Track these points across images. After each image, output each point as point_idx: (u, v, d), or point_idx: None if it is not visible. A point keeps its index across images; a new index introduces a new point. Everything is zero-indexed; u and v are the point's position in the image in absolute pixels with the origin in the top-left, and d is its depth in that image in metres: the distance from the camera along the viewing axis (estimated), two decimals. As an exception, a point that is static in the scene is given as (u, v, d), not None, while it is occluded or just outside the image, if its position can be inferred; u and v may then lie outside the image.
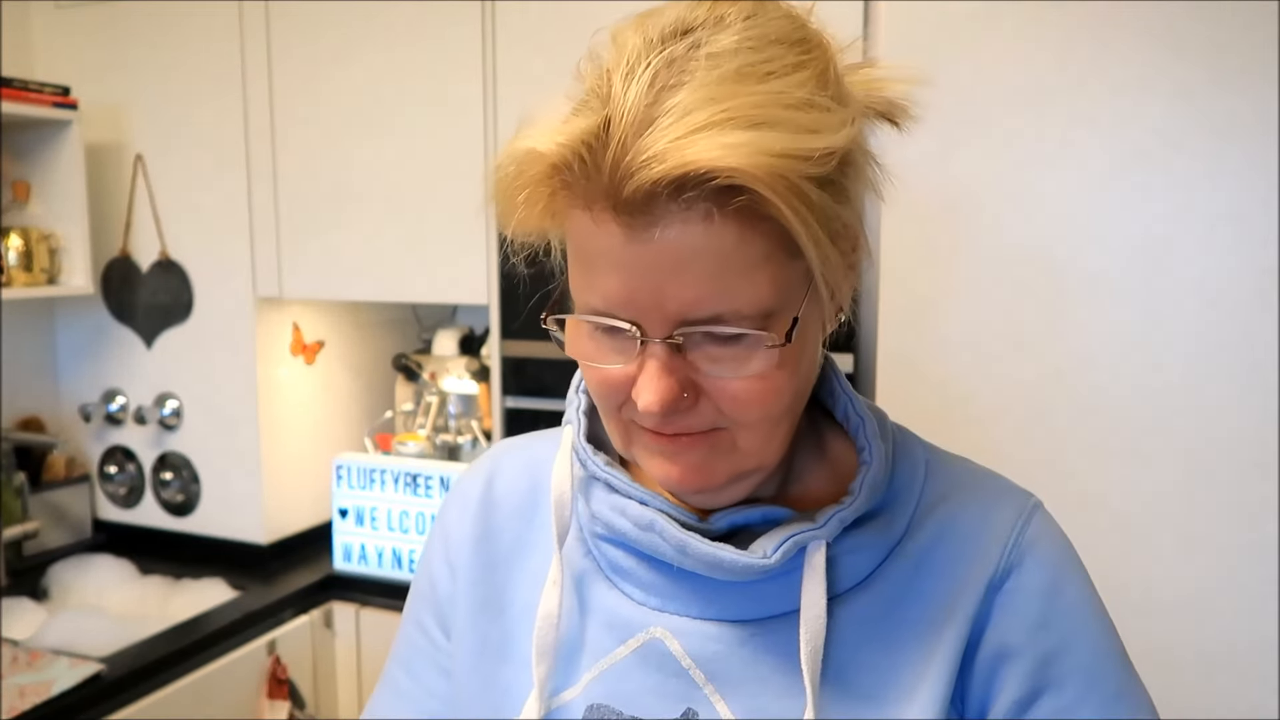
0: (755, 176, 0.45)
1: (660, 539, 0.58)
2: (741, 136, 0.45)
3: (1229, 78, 1.31)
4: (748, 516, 0.59)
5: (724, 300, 0.49)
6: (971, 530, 0.60)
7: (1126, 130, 1.37)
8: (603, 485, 0.62)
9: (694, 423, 0.54)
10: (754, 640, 0.58)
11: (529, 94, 1.82)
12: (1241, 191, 1.32)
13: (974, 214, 1.46)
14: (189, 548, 2.21)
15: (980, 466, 0.66)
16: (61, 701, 1.52)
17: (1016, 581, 0.58)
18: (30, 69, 2.21)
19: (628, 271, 0.50)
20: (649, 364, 0.52)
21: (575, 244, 0.53)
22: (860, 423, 0.62)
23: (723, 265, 0.49)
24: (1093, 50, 1.37)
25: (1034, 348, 1.44)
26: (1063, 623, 0.58)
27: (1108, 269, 1.39)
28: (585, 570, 0.64)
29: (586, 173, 0.49)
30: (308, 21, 1.99)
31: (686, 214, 0.48)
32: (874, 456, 0.60)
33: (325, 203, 2.02)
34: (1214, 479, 1.36)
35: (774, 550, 0.56)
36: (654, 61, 0.49)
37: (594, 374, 0.56)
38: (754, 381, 0.52)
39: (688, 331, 0.51)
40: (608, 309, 0.52)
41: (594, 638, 0.62)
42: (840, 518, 0.57)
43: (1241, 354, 1.33)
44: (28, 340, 2.25)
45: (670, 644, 0.59)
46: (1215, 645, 1.37)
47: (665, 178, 0.46)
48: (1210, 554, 1.37)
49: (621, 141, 0.47)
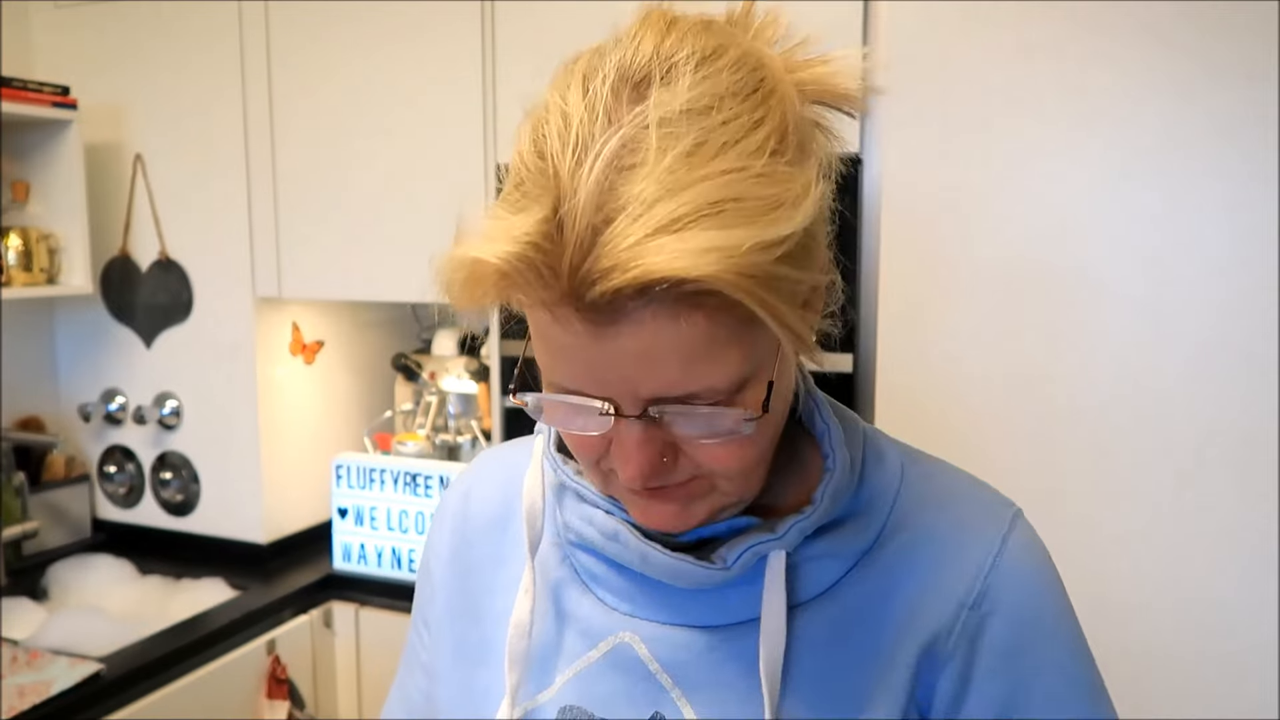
0: (724, 281, 0.43)
1: (624, 548, 0.59)
2: (705, 239, 0.43)
3: (1229, 78, 1.31)
4: (714, 528, 0.59)
5: (695, 382, 0.49)
6: (946, 544, 0.59)
7: (1126, 131, 1.37)
8: (573, 494, 0.63)
9: (674, 478, 0.54)
10: (720, 646, 0.59)
11: (528, 94, 1.82)
12: (1241, 192, 1.32)
13: (973, 214, 1.46)
14: (188, 547, 2.21)
15: (961, 473, 0.64)
16: (61, 701, 1.52)
17: (991, 604, 0.57)
18: (30, 69, 2.21)
19: (595, 364, 0.49)
20: (626, 438, 0.51)
21: (537, 331, 0.51)
22: (826, 430, 0.61)
23: (690, 353, 0.47)
24: (1092, 50, 1.37)
25: (1033, 348, 1.44)
26: (1035, 651, 0.57)
27: (1107, 269, 1.39)
28: (562, 577, 0.65)
29: (543, 279, 0.45)
30: (307, 21, 1.99)
31: (655, 311, 0.46)
32: (837, 464, 0.59)
33: (325, 202, 2.02)
34: (1213, 480, 1.36)
35: (733, 560, 0.57)
36: (605, 139, 0.45)
37: (571, 437, 0.56)
38: (728, 448, 0.52)
39: (661, 409, 0.50)
40: (578, 389, 0.51)
41: (569, 642, 0.63)
42: (800, 527, 0.58)
43: (1241, 355, 1.33)
44: (27, 340, 2.25)
45: (638, 649, 0.60)
46: (1215, 645, 1.37)
47: (629, 287, 0.43)
48: (1210, 555, 1.37)
49: (578, 244, 0.44)
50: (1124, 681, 0.64)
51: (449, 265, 0.49)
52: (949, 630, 0.57)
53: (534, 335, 0.52)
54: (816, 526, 0.58)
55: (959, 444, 1.46)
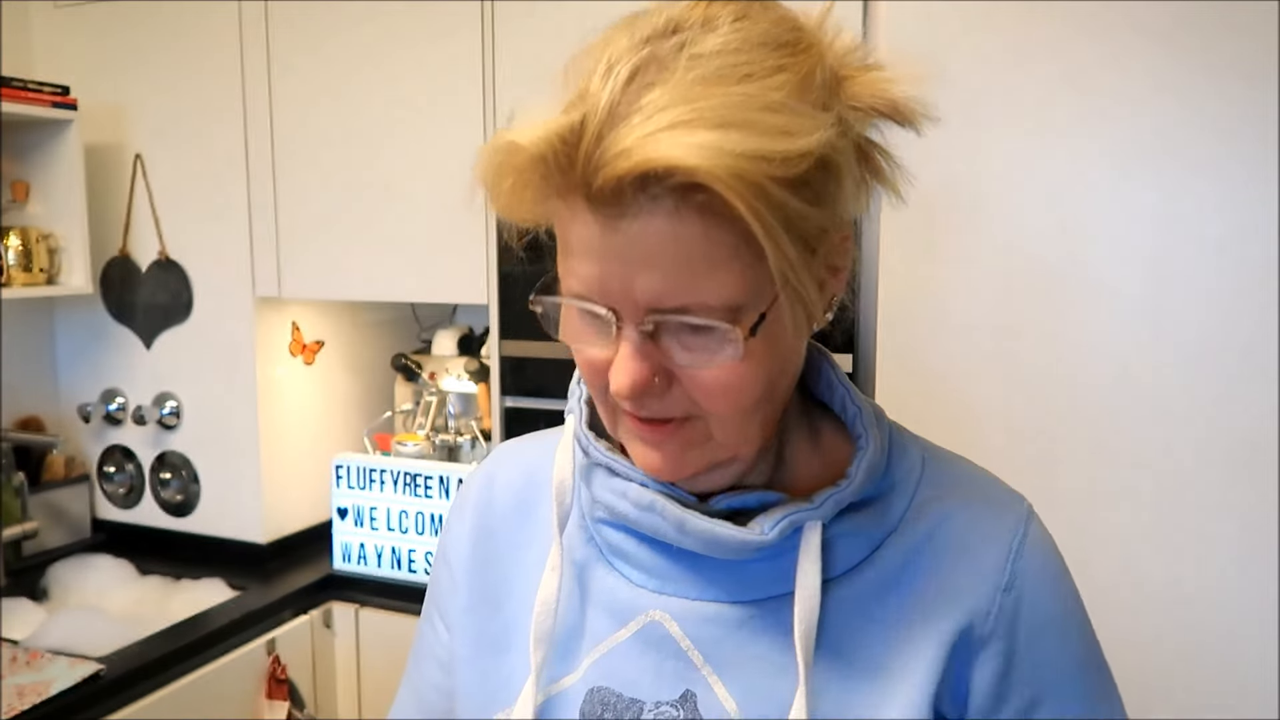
0: (714, 175, 0.46)
1: (660, 518, 0.59)
2: (706, 136, 0.46)
3: (1229, 78, 1.31)
4: (744, 500, 0.60)
5: (689, 293, 0.51)
6: (970, 531, 0.61)
7: (1126, 130, 1.37)
8: (604, 470, 0.63)
9: (668, 408, 0.55)
10: (750, 622, 0.59)
11: (528, 94, 1.82)
12: (1241, 191, 1.32)
13: (973, 213, 1.46)
14: (188, 547, 2.21)
15: (974, 465, 0.67)
16: (60, 701, 1.52)
17: (1020, 587, 0.60)
18: (30, 68, 2.21)
19: (601, 259, 0.52)
20: (623, 347, 0.53)
21: (559, 230, 0.55)
22: (857, 411, 0.64)
23: (688, 259, 0.50)
24: (1092, 50, 1.37)
25: (1032, 347, 1.44)
26: (1055, 637, 0.60)
27: (1107, 269, 1.39)
28: (587, 557, 0.65)
29: (561, 166, 0.50)
30: (307, 21, 1.99)
31: (653, 207, 0.49)
32: (870, 442, 0.62)
33: (324, 202, 2.02)
34: (1213, 478, 1.36)
35: (770, 528, 0.57)
36: (635, 60, 0.50)
37: (580, 357, 0.58)
38: (722, 372, 0.53)
39: (658, 320, 0.52)
40: (586, 294, 0.53)
41: (594, 622, 0.63)
42: (836, 499, 0.59)
43: (1241, 353, 1.33)
44: (27, 340, 2.25)
45: (669, 626, 0.60)
46: (1215, 645, 1.37)
47: (630, 173, 0.48)
48: (1209, 553, 1.37)
49: (595, 135, 0.49)
50: (1123, 681, 0.64)
51: (489, 149, 0.54)
52: (986, 612, 0.59)
53: (559, 246, 0.56)
54: (851, 500, 0.60)
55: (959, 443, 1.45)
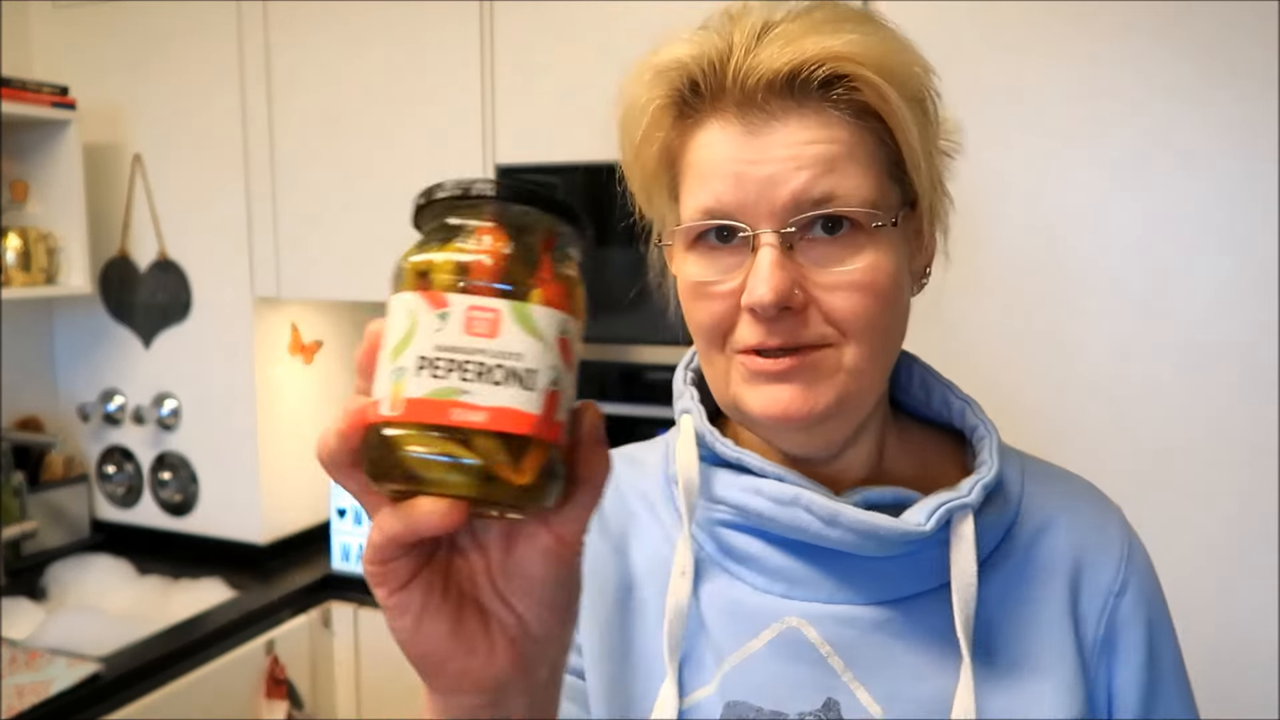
0: (861, 63, 0.52)
1: (806, 512, 0.57)
2: (851, 35, 0.53)
3: (1229, 78, 1.31)
4: (880, 495, 0.59)
5: (836, 181, 0.53)
6: (1083, 526, 0.63)
7: (1127, 130, 1.37)
8: (730, 469, 0.61)
9: (800, 332, 0.55)
10: (889, 623, 0.58)
11: (527, 94, 1.83)
12: (1241, 191, 1.32)
13: (973, 214, 1.46)
14: (187, 547, 2.21)
15: (1052, 464, 0.69)
16: (60, 701, 1.52)
17: (1134, 595, 0.62)
18: (29, 69, 2.21)
19: (744, 166, 0.54)
20: (762, 257, 0.54)
21: (691, 160, 0.57)
22: (964, 405, 0.65)
23: (831, 157, 0.53)
24: (1093, 50, 1.37)
25: (1033, 347, 1.44)
26: (1164, 637, 0.64)
27: (1108, 269, 1.39)
28: (698, 564, 0.62)
29: (715, 70, 0.55)
30: (306, 21, 1.99)
31: (801, 109, 0.54)
32: (991, 430, 0.63)
33: (323, 202, 2.02)
34: (1214, 478, 1.36)
35: (927, 518, 0.56)
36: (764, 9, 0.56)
37: (701, 297, 0.57)
38: (860, 275, 0.54)
39: (799, 221, 0.54)
40: (720, 207, 0.55)
41: (719, 632, 0.60)
42: (984, 485, 0.58)
43: (1242, 353, 1.34)
44: (26, 340, 2.25)
45: (807, 632, 0.58)
46: (1215, 645, 1.37)
47: (784, 68, 0.52)
48: (1210, 552, 1.37)
49: (746, 47, 0.54)
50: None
51: (638, 71, 0.58)
52: (1099, 615, 0.61)
53: (686, 175, 0.58)
54: (994, 486, 0.59)
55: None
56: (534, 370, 0.35)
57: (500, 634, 0.40)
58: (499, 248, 0.36)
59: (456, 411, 0.34)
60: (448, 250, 0.36)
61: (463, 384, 0.34)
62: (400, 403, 0.34)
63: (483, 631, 0.40)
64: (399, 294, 0.36)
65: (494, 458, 0.34)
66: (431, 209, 0.38)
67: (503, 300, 0.35)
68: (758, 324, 0.55)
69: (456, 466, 0.34)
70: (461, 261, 0.36)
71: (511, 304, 0.35)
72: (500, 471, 0.34)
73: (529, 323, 0.35)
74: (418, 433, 0.34)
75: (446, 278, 0.35)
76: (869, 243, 0.55)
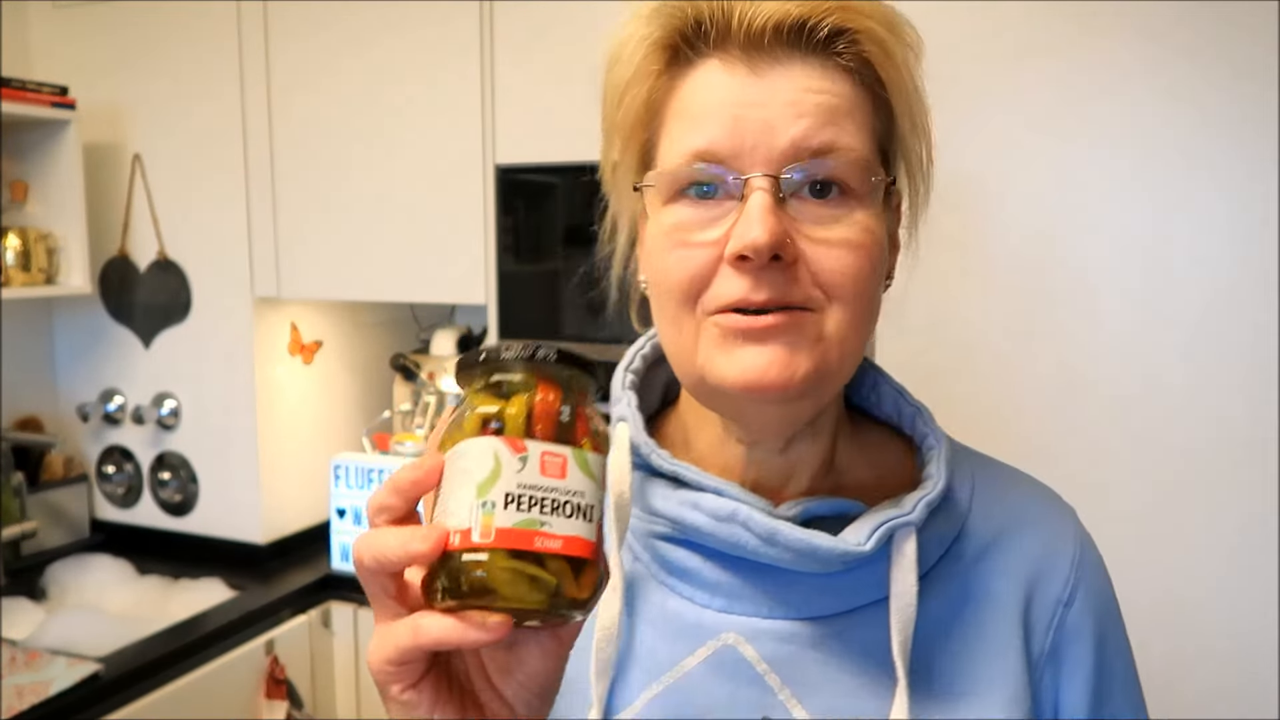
0: (870, 17, 0.52)
1: (744, 529, 0.55)
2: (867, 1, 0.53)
3: (1230, 78, 1.31)
4: (820, 506, 0.58)
5: (836, 134, 0.52)
6: (1035, 535, 0.61)
7: (1127, 131, 1.37)
8: (665, 482, 0.59)
9: (789, 290, 0.52)
10: (828, 639, 0.56)
11: (527, 94, 1.83)
12: (1241, 191, 1.32)
13: (974, 213, 1.46)
14: (187, 547, 2.21)
15: (1005, 463, 0.67)
16: (59, 701, 1.52)
17: (1082, 604, 0.60)
18: (28, 69, 2.21)
19: (744, 108, 0.52)
20: (753, 202, 0.51)
21: (683, 103, 0.55)
22: (915, 412, 0.64)
23: (831, 109, 0.52)
24: (1093, 52, 1.37)
25: (1034, 347, 1.45)
26: (1113, 638, 0.62)
27: (1107, 269, 1.39)
28: (634, 577, 0.60)
29: (719, 19, 0.53)
30: (306, 21, 1.98)
31: (805, 59, 0.53)
32: (941, 440, 0.61)
33: (323, 202, 2.02)
34: (1214, 478, 1.36)
35: (868, 537, 0.54)
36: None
37: (680, 248, 0.54)
38: (855, 235, 0.53)
39: (795, 170, 0.52)
40: (712, 150, 0.53)
41: (651, 649, 0.58)
42: (927, 501, 0.56)
43: (1243, 353, 1.34)
44: (26, 340, 2.25)
45: (744, 649, 0.56)
46: (1215, 645, 1.37)
47: (791, 13, 0.52)
48: (1210, 553, 1.37)
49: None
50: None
51: (642, 8, 0.56)
52: (1047, 626, 0.59)
53: (678, 115, 0.55)
54: (938, 502, 0.57)
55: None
56: (592, 505, 0.43)
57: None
58: (556, 403, 0.44)
59: (539, 539, 0.41)
60: (515, 404, 0.43)
61: (542, 516, 0.42)
62: (492, 531, 0.41)
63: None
64: (476, 439, 0.43)
65: (563, 577, 0.42)
66: (486, 365, 0.45)
67: (567, 447, 0.43)
68: (743, 275, 0.52)
69: (536, 583, 0.41)
70: (531, 413, 0.43)
71: (573, 450, 0.43)
72: (566, 588, 0.42)
73: (587, 466, 0.43)
74: (505, 556, 0.41)
75: (519, 425, 0.43)
76: (859, 206, 0.53)
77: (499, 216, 1.85)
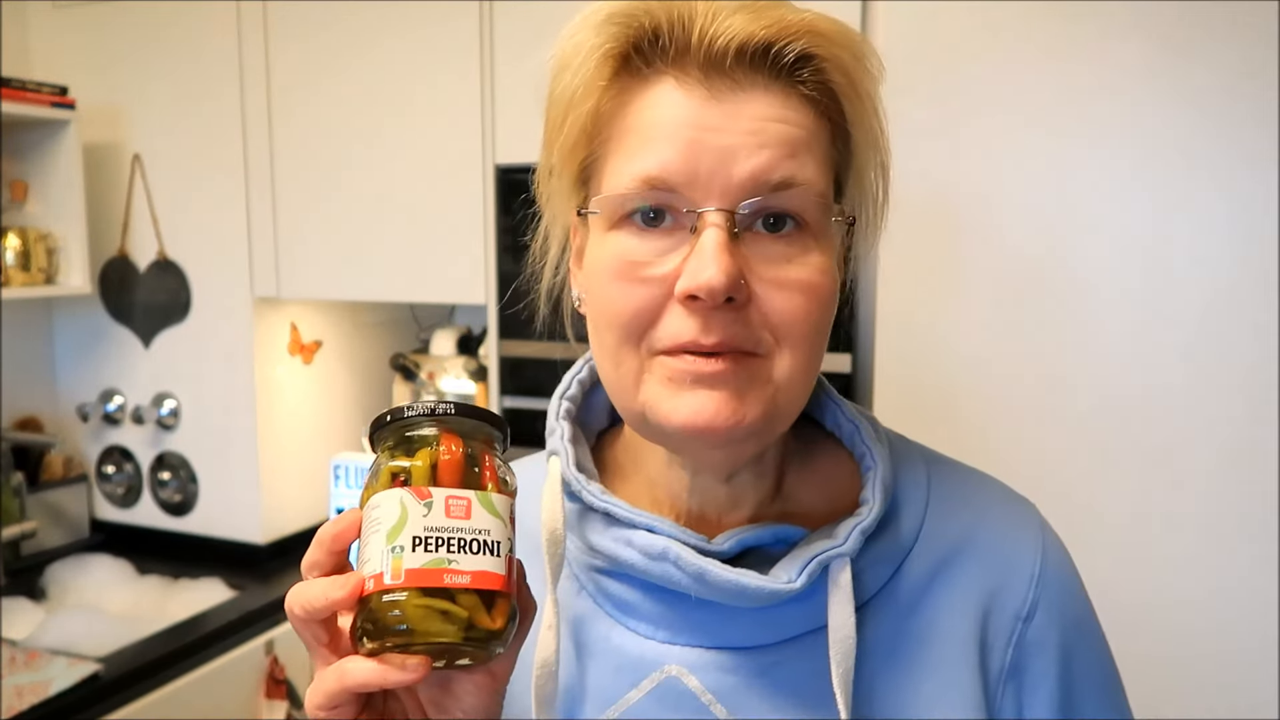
0: (838, 45, 0.50)
1: (674, 568, 0.54)
2: (828, 19, 0.51)
3: (1229, 79, 1.31)
4: (758, 536, 0.56)
5: (797, 167, 0.50)
6: (991, 550, 0.58)
7: (1126, 131, 1.37)
8: (601, 517, 0.58)
9: (739, 333, 0.50)
10: (772, 667, 0.55)
11: (526, 94, 1.82)
12: (1241, 191, 1.32)
13: (972, 215, 1.46)
14: (187, 547, 2.21)
15: (978, 472, 0.64)
16: (59, 701, 1.52)
17: (1044, 617, 0.57)
18: (28, 68, 2.21)
19: (702, 131, 0.49)
20: (706, 239, 0.49)
21: (632, 122, 0.52)
22: (854, 429, 0.61)
23: (797, 136, 0.50)
24: (1093, 51, 1.37)
25: (1032, 349, 1.44)
26: (1082, 652, 0.58)
27: (1106, 269, 1.39)
28: (580, 611, 0.60)
29: (679, 34, 0.50)
30: (305, 21, 1.98)
31: (767, 84, 0.50)
32: (877, 460, 0.58)
33: (323, 202, 2.02)
34: (1214, 478, 1.36)
35: (798, 574, 0.53)
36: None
37: (627, 283, 0.51)
38: (810, 276, 0.51)
39: (752, 205, 0.49)
40: (663, 177, 0.50)
41: (599, 682, 0.58)
42: (861, 529, 0.55)
43: (1243, 353, 1.33)
44: (25, 340, 2.25)
45: (688, 681, 0.56)
46: (1215, 646, 1.37)
47: (756, 35, 0.49)
48: (1210, 554, 1.37)
49: (712, 13, 0.50)
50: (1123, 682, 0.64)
51: (591, 14, 0.53)
52: (1006, 642, 0.57)
53: (626, 135, 0.52)
54: (874, 529, 0.56)
55: (957, 444, 1.45)
56: (499, 541, 0.46)
57: None
58: (459, 452, 0.47)
59: (448, 575, 0.44)
60: (420, 457, 0.47)
61: (449, 555, 0.45)
62: (401, 573, 0.44)
63: None
64: (385, 491, 0.46)
65: (475, 610, 0.45)
66: (394, 425, 0.48)
67: (470, 490, 0.46)
68: (693, 316, 0.50)
69: (448, 617, 0.44)
70: (435, 464, 0.46)
71: (477, 493, 0.46)
72: (479, 620, 0.45)
73: (491, 506, 0.46)
74: (418, 595, 0.44)
75: (424, 475, 0.46)
76: (815, 245, 0.51)
77: (499, 216, 1.85)
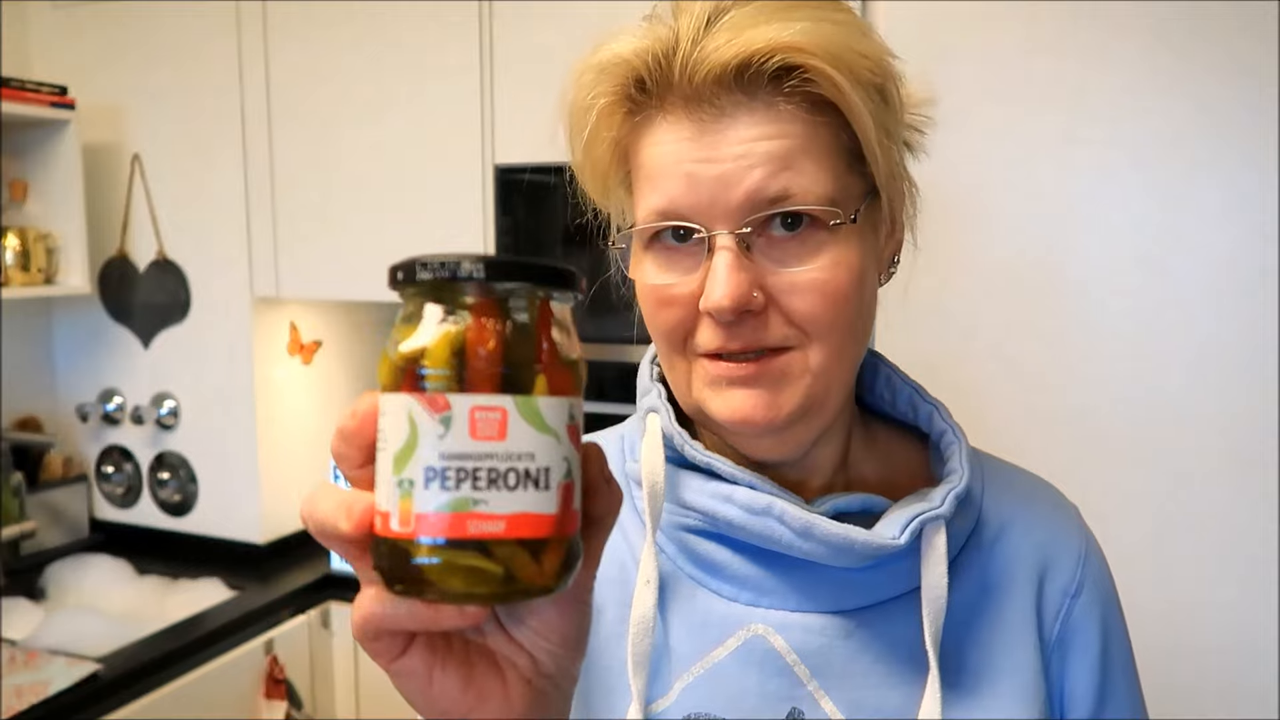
0: (812, 53, 0.50)
1: (778, 523, 0.55)
2: (801, 25, 0.50)
3: (1229, 78, 1.31)
4: (849, 503, 0.58)
5: (791, 178, 0.51)
6: (1040, 528, 0.62)
7: (1126, 130, 1.37)
8: (698, 474, 0.59)
9: (761, 335, 0.53)
10: (856, 631, 0.57)
11: (526, 94, 1.82)
12: (1241, 191, 1.32)
13: (973, 214, 1.46)
14: (186, 547, 2.21)
15: (1008, 462, 0.68)
16: (59, 701, 1.52)
17: (1089, 595, 0.61)
18: (28, 68, 2.21)
19: (696, 164, 0.52)
20: (719, 260, 0.52)
21: (643, 159, 0.55)
22: (933, 409, 0.64)
23: (785, 152, 0.51)
24: (1093, 50, 1.37)
25: (1032, 347, 1.44)
26: (1115, 636, 0.63)
27: (1106, 268, 1.39)
28: (662, 571, 0.60)
29: (661, 67, 0.52)
30: (305, 21, 1.98)
31: (750, 104, 0.51)
32: (960, 434, 0.62)
33: (322, 202, 2.02)
34: (1214, 477, 1.36)
35: (900, 531, 0.55)
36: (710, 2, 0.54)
37: (659, 302, 0.55)
38: (821, 274, 0.52)
39: (755, 220, 0.52)
40: (673, 209, 0.53)
41: (681, 641, 0.58)
42: (955, 494, 0.57)
43: (1241, 354, 1.34)
44: (25, 340, 2.25)
45: (773, 640, 0.57)
46: (1215, 645, 1.37)
47: (732, 59, 0.50)
48: (1210, 552, 1.37)
49: (692, 39, 0.51)
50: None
51: (582, 70, 0.56)
52: (1055, 616, 0.60)
53: (638, 175, 0.56)
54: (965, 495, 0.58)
55: (957, 444, 1.46)
56: (547, 468, 0.33)
57: (514, 677, 0.39)
58: (494, 335, 0.33)
59: (473, 523, 0.32)
60: (439, 343, 0.33)
61: (475, 493, 0.32)
62: (411, 518, 0.32)
63: (495, 677, 0.39)
64: (393, 394, 0.33)
65: (515, 561, 0.33)
66: (414, 286, 0.34)
67: (507, 397, 0.32)
68: (717, 328, 0.53)
69: (478, 576, 0.32)
70: (460, 353, 0.32)
71: (516, 400, 0.33)
72: (521, 573, 0.33)
73: (537, 419, 0.33)
74: (433, 548, 0.32)
75: (443, 373, 0.32)
76: (830, 239, 0.53)
77: (499, 217, 1.86)
